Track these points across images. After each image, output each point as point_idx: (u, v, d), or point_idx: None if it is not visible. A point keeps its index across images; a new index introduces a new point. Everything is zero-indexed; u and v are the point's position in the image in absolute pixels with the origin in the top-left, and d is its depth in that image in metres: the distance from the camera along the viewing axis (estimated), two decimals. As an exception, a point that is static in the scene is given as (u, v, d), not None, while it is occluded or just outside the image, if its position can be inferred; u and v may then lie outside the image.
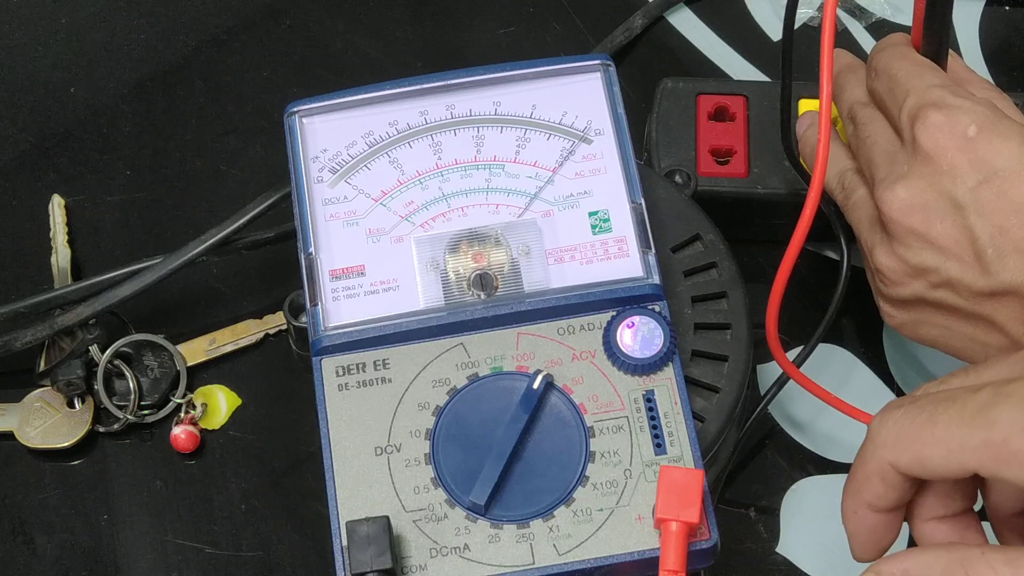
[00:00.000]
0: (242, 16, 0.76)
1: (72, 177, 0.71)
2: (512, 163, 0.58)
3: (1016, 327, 0.55)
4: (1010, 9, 0.76)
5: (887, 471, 0.45)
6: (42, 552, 0.63)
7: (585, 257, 0.56)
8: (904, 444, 0.44)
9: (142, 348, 0.65)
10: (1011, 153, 0.54)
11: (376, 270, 0.56)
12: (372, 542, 0.49)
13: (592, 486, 0.51)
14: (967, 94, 0.57)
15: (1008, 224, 0.54)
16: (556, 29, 0.75)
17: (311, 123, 0.59)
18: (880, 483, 0.46)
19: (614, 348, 0.53)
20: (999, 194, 0.54)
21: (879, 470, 0.45)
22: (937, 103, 0.55)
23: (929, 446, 0.43)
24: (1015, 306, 0.55)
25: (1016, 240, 0.54)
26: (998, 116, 0.55)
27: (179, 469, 0.64)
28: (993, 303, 0.55)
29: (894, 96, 0.57)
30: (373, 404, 0.53)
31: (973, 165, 0.55)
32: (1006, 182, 0.54)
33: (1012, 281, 0.54)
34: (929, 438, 0.43)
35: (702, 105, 0.67)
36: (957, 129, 0.55)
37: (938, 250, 0.55)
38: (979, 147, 0.55)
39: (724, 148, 0.66)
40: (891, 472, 0.45)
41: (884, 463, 0.45)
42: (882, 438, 0.45)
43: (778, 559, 0.63)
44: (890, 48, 0.60)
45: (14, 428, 0.64)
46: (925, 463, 0.44)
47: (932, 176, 0.55)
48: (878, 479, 0.45)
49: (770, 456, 0.65)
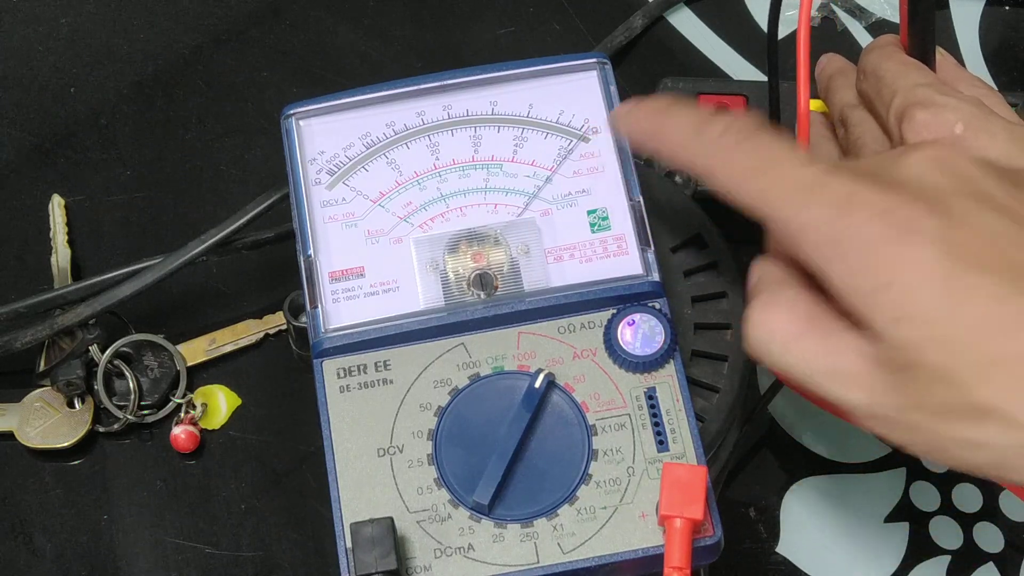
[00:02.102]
0: (242, 16, 0.76)
1: (72, 177, 0.71)
2: (510, 162, 0.58)
3: None
4: (1010, 9, 0.76)
5: None
6: (42, 552, 0.63)
7: (584, 255, 0.56)
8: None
9: (142, 348, 0.65)
10: (998, 150, 0.54)
11: (375, 271, 0.56)
12: (376, 543, 0.49)
13: (595, 484, 0.52)
14: (954, 92, 0.56)
15: None
16: (556, 29, 0.75)
17: (308, 125, 0.59)
18: None
19: (615, 346, 0.54)
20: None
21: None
22: (923, 102, 0.55)
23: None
24: None
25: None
26: (985, 113, 0.55)
27: (179, 469, 0.64)
28: None
29: (881, 97, 0.57)
30: (375, 405, 0.53)
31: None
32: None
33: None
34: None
35: (702, 105, 0.67)
36: (944, 127, 0.54)
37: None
38: (966, 145, 0.54)
39: (724, 148, 0.66)
40: None
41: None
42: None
43: (778, 559, 0.63)
44: (878, 49, 0.59)
45: (14, 428, 0.64)
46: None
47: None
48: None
49: (770, 456, 0.65)
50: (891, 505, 0.64)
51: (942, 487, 0.64)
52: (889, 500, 0.64)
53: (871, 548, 0.63)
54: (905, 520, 0.64)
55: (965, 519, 0.64)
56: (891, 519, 0.64)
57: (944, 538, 0.63)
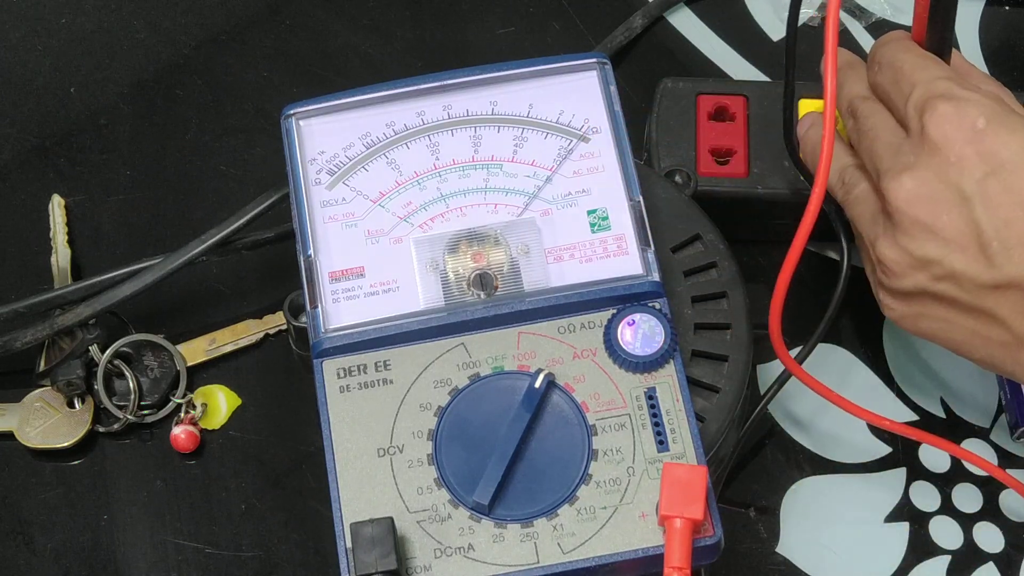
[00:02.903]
0: (242, 16, 0.76)
1: (72, 177, 0.71)
2: (510, 162, 0.58)
3: (1018, 320, 0.55)
4: (1010, 9, 0.76)
5: None
6: (42, 552, 0.63)
7: (584, 255, 0.56)
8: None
9: (142, 348, 0.65)
10: (1018, 146, 0.54)
11: (376, 271, 0.56)
12: (376, 543, 0.49)
13: (595, 484, 0.52)
14: (973, 87, 0.57)
15: (1014, 217, 0.54)
16: (556, 29, 0.75)
17: (308, 125, 0.59)
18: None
19: (615, 346, 0.54)
20: (1006, 187, 0.54)
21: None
22: (945, 94, 0.55)
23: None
24: (1018, 300, 0.54)
25: (1022, 233, 0.54)
26: (1006, 110, 0.55)
27: (179, 469, 0.64)
28: (996, 296, 0.55)
29: (899, 88, 0.57)
30: (375, 405, 0.53)
31: (981, 157, 0.54)
32: (1013, 175, 0.54)
33: (1016, 274, 0.54)
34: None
35: (702, 105, 0.67)
36: (966, 121, 0.55)
37: (943, 242, 0.55)
38: (987, 139, 0.54)
39: (724, 148, 0.66)
40: None
41: None
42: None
43: (778, 559, 0.63)
44: (894, 42, 0.60)
45: (14, 428, 0.64)
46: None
47: (939, 167, 0.55)
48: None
49: (770, 456, 0.65)
50: (891, 505, 0.64)
51: (942, 487, 0.64)
52: (889, 500, 0.64)
53: (871, 548, 0.63)
54: (905, 520, 0.64)
55: (965, 519, 0.64)
56: (891, 519, 0.64)
57: (944, 538, 0.63)
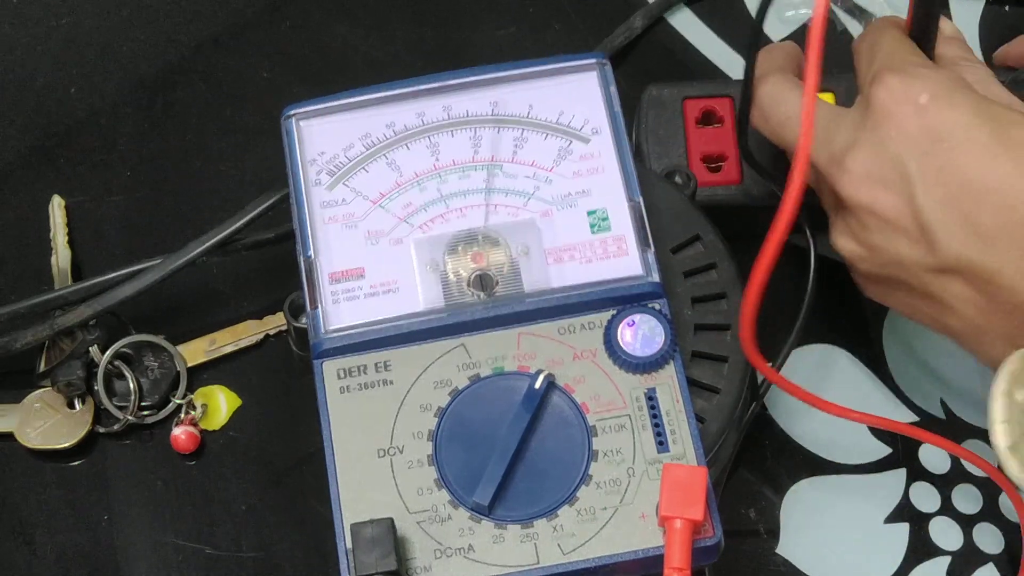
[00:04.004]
0: (242, 16, 0.76)
1: (72, 177, 0.71)
2: (510, 163, 0.58)
3: (966, 307, 0.53)
4: (1010, 9, 0.76)
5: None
6: (42, 552, 0.63)
7: (584, 256, 0.56)
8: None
9: (142, 349, 0.65)
10: (955, 123, 0.52)
11: (376, 272, 0.56)
12: (376, 544, 0.49)
13: (595, 485, 0.52)
14: (934, 67, 0.55)
15: (952, 196, 0.52)
16: (556, 29, 0.75)
17: (308, 126, 0.59)
18: None
19: (615, 347, 0.54)
20: (944, 165, 0.52)
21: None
22: (897, 68, 0.54)
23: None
24: (963, 286, 0.53)
25: (961, 214, 0.52)
26: (955, 87, 0.54)
27: (179, 469, 0.64)
28: (943, 281, 0.53)
29: (868, 64, 0.57)
30: (375, 406, 0.53)
31: (921, 133, 0.53)
32: (951, 152, 0.52)
33: (958, 258, 0.52)
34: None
35: (689, 110, 0.67)
36: (910, 95, 0.53)
37: (885, 224, 0.54)
38: (928, 115, 0.53)
39: (715, 154, 0.66)
40: None
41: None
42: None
43: (778, 559, 0.63)
44: (882, 23, 0.59)
45: (14, 429, 0.64)
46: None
47: (880, 143, 0.54)
48: None
49: (770, 456, 0.65)
50: (891, 505, 0.64)
51: (942, 487, 0.64)
52: (889, 500, 0.64)
53: (871, 548, 0.63)
54: (905, 520, 0.64)
55: (965, 520, 0.64)
56: (891, 519, 0.64)
57: (944, 539, 0.63)
